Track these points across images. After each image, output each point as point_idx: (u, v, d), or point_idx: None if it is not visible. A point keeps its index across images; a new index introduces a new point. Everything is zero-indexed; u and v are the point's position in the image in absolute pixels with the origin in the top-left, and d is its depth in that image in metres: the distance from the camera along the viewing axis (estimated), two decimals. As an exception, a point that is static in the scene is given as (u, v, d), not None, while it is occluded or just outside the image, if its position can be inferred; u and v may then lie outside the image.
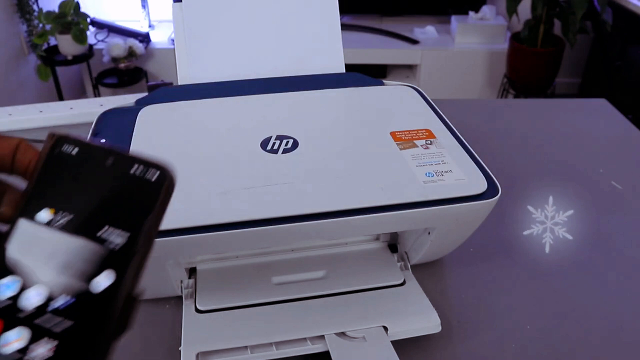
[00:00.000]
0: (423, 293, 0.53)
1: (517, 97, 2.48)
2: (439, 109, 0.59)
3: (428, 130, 0.55)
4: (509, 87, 2.51)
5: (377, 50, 2.61)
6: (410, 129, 0.54)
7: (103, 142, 0.52)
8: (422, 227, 0.52)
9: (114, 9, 2.71)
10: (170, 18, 0.66)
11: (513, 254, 0.62)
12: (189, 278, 0.54)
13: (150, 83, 0.91)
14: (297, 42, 0.67)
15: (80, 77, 2.74)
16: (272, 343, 0.47)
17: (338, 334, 0.48)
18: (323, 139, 0.54)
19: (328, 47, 0.67)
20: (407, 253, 0.57)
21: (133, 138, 0.53)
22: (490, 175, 0.49)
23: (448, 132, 0.55)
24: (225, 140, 0.53)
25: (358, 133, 0.55)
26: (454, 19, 2.65)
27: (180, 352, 0.47)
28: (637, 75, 2.15)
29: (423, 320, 0.50)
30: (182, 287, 0.53)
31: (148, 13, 2.71)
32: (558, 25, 2.30)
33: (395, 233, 0.58)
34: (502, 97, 2.53)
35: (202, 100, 0.59)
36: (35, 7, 2.35)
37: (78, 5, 2.29)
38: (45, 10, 2.27)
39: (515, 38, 2.40)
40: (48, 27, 2.25)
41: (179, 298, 0.53)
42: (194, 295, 0.52)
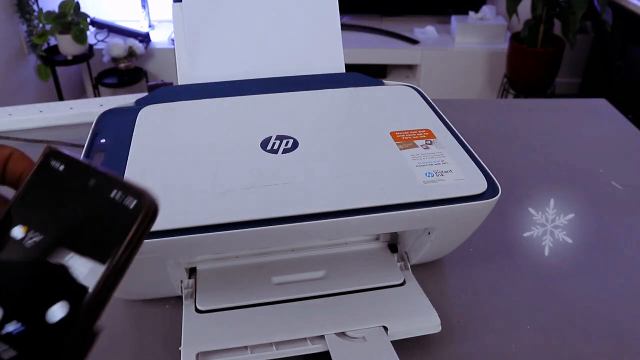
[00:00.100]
0: (423, 293, 0.53)
1: (517, 97, 2.48)
2: (439, 109, 0.59)
3: (428, 130, 0.55)
4: (509, 87, 2.51)
5: (377, 50, 2.61)
6: (410, 129, 0.54)
7: (102, 151, 0.52)
8: (422, 227, 0.52)
9: (114, 9, 2.71)
10: (170, 18, 0.66)
11: (513, 255, 0.62)
12: (189, 278, 0.54)
13: (150, 83, 0.91)
14: (297, 42, 0.67)
15: (80, 77, 2.74)
16: (272, 343, 0.47)
17: (338, 334, 0.48)
18: (323, 139, 0.54)
19: (328, 47, 0.67)
20: (407, 253, 0.57)
21: (133, 138, 0.53)
22: (490, 175, 0.49)
23: (448, 132, 0.55)
24: (225, 140, 0.53)
25: (358, 133, 0.55)
26: (454, 19, 2.65)
27: (180, 352, 0.47)
28: (637, 75, 2.15)
29: (423, 320, 0.50)
30: (182, 287, 0.53)
31: (148, 13, 2.71)
32: (558, 25, 2.30)
33: (395, 233, 0.58)
34: (502, 97, 2.53)
35: (202, 100, 0.59)
36: (35, 7, 2.35)
37: (78, 5, 2.29)
38: (45, 10, 2.27)
39: (515, 38, 2.40)
40: (48, 27, 2.26)
41: (179, 298, 0.53)
42: (194, 295, 0.52)
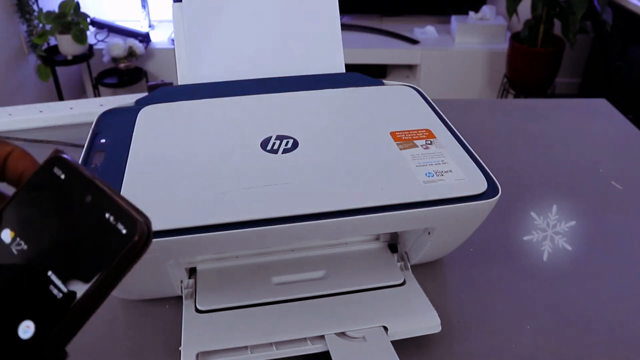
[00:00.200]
0: (423, 293, 0.53)
1: (517, 97, 2.48)
2: (439, 109, 0.59)
3: (428, 130, 0.55)
4: (509, 87, 2.51)
5: (377, 50, 2.61)
6: (410, 129, 0.54)
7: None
8: (422, 227, 0.52)
9: (114, 9, 2.71)
10: (170, 18, 0.66)
11: (512, 258, 0.62)
12: (189, 278, 0.54)
13: (150, 83, 0.91)
14: (297, 42, 0.67)
15: (80, 77, 2.74)
16: (272, 343, 0.47)
17: (338, 334, 0.48)
18: (323, 139, 0.54)
19: (328, 47, 0.67)
20: (407, 253, 0.57)
21: (133, 138, 0.53)
22: (490, 175, 0.49)
23: (448, 132, 0.55)
24: (225, 140, 0.53)
25: (358, 133, 0.55)
26: (454, 19, 2.65)
27: (180, 352, 0.47)
28: (637, 75, 2.15)
29: (423, 320, 0.50)
30: (182, 287, 0.53)
31: (148, 13, 2.71)
32: (558, 25, 2.30)
33: (395, 233, 0.58)
34: (502, 97, 2.53)
35: (202, 100, 0.59)
36: (35, 7, 2.35)
37: (78, 5, 2.29)
38: (45, 10, 2.27)
39: (515, 38, 2.40)
40: (48, 27, 2.25)
41: (179, 298, 0.53)
42: (194, 295, 0.52)
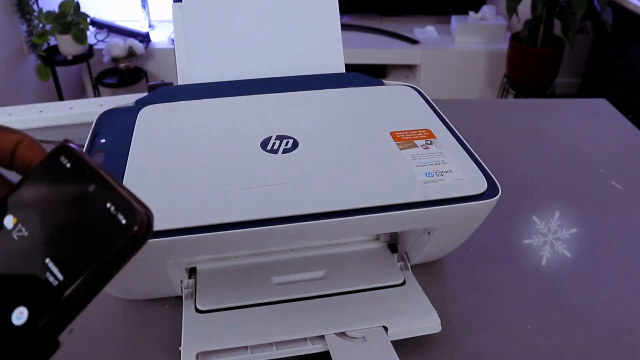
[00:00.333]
0: (423, 293, 0.53)
1: (517, 97, 2.48)
2: (439, 109, 0.59)
3: (428, 130, 0.55)
4: (509, 87, 2.51)
5: (377, 50, 2.61)
6: (410, 129, 0.54)
7: (106, 148, 0.51)
8: (422, 227, 0.52)
9: (114, 9, 2.71)
10: (170, 18, 0.66)
11: (511, 259, 0.62)
12: (189, 278, 0.54)
13: (150, 83, 0.91)
14: (297, 42, 0.67)
15: (80, 77, 2.74)
16: (272, 343, 0.47)
17: (338, 334, 0.48)
18: (323, 139, 0.54)
19: (328, 47, 0.67)
20: (407, 253, 0.57)
21: (133, 138, 0.53)
22: (490, 176, 0.49)
23: (448, 132, 0.55)
24: (225, 140, 0.53)
25: (358, 133, 0.55)
26: (454, 19, 2.65)
27: (180, 352, 0.47)
28: (637, 75, 2.15)
29: (423, 320, 0.50)
30: (182, 287, 0.53)
31: (148, 13, 2.71)
32: (558, 25, 2.30)
33: (395, 233, 0.58)
34: (502, 97, 2.53)
35: (202, 100, 0.59)
36: (35, 7, 2.35)
37: (78, 5, 2.29)
38: (45, 10, 2.27)
39: (515, 38, 2.40)
40: (48, 27, 2.26)
41: (179, 298, 0.53)
42: (194, 295, 0.52)
